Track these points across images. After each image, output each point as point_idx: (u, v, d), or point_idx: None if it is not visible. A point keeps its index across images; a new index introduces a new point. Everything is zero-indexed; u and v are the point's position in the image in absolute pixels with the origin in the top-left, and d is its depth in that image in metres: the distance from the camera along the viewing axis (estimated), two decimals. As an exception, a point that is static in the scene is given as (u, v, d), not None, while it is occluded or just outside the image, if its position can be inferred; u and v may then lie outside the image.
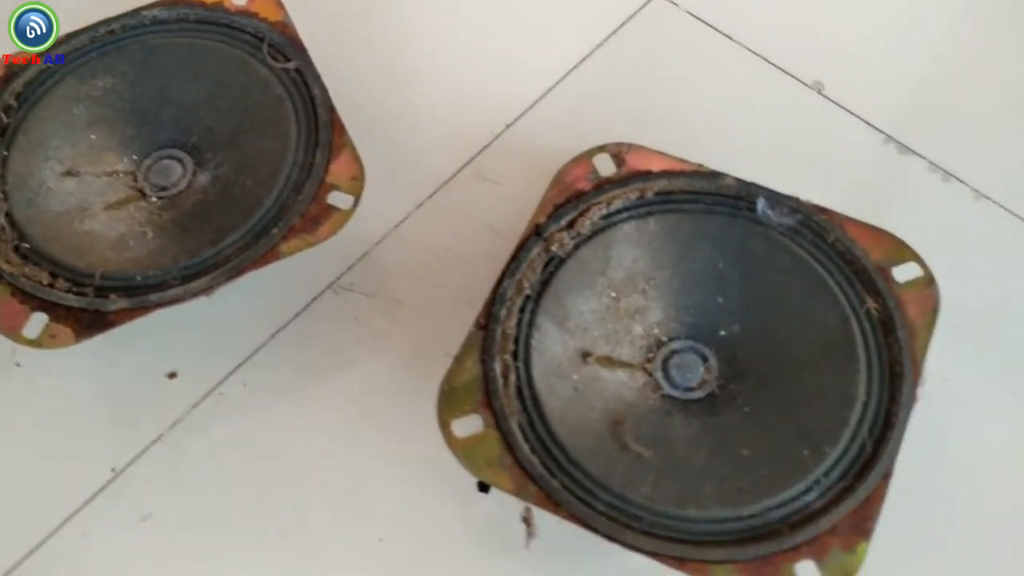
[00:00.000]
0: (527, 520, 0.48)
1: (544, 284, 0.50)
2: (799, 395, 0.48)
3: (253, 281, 0.58)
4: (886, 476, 0.44)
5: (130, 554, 0.51)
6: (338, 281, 0.59)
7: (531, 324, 0.49)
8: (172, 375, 0.56)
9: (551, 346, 0.49)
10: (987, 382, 0.54)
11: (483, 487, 0.51)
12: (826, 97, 0.65)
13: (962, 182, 0.62)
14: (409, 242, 0.60)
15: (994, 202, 0.61)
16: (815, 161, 0.62)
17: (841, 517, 0.43)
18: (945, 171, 0.62)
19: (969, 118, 0.65)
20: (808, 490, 0.44)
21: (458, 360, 0.47)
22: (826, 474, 0.45)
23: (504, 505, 0.51)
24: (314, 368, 0.56)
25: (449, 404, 0.46)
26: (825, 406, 0.46)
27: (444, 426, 0.46)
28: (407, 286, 0.58)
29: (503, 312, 0.48)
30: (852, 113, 0.64)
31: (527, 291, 0.49)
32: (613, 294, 0.51)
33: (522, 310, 0.49)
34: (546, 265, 0.50)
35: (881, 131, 0.63)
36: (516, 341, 0.48)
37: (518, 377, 0.47)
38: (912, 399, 0.46)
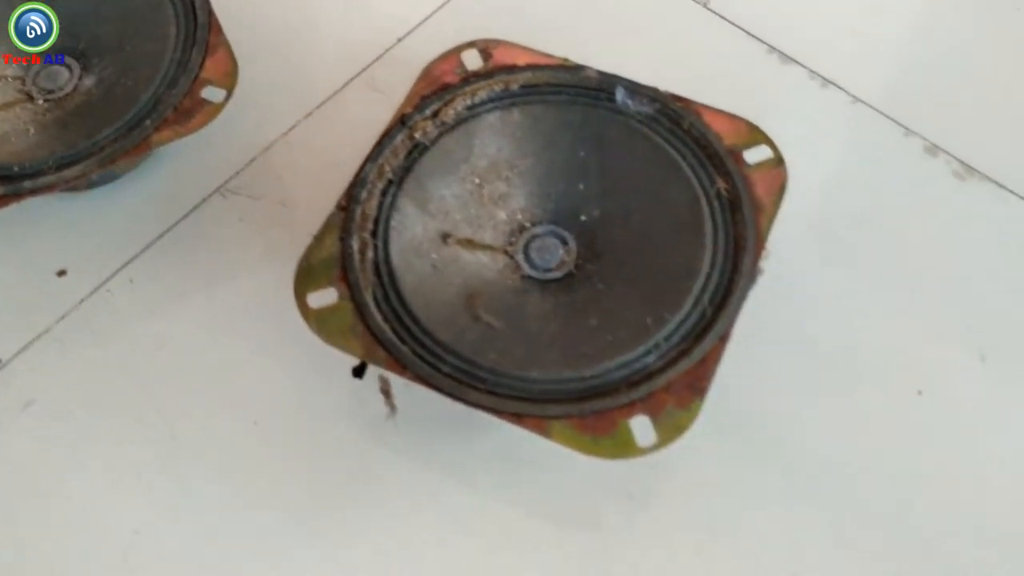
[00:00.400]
0: (386, 392, 0.49)
1: (407, 170, 0.51)
2: (649, 271, 0.49)
3: (143, 184, 0.60)
4: (723, 338, 0.46)
5: (12, 438, 0.52)
6: (226, 185, 0.60)
7: (392, 206, 0.50)
8: (62, 272, 0.57)
9: (411, 227, 0.50)
10: (835, 268, 0.56)
11: (356, 373, 0.53)
12: (712, 11, 0.67)
13: (840, 88, 0.63)
14: (297, 149, 0.61)
15: (870, 106, 0.62)
16: (699, 69, 0.63)
17: (677, 376, 0.45)
18: (824, 78, 0.64)
19: (851, 30, 0.66)
20: (648, 353, 0.46)
21: (318, 239, 0.49)
22: (666, 338, 0.46)
23: (376, 390, 0.53)
24: (198, 265, 0.57)
25: (306, 279, 0.48)
26: (671, 279, 0.48)
27: (299, 297, 0.47)
28: (293, 190, 0.60)
29: (364, 194, 0.50)
30: (736, 26, 0.66)
31: (389, 175, 0.51)
32: (476, 181, 0.52)
33: (384, 193, 0.51)
34: (410, 152, 0.52)
35: (764, 42, 0.65)
36: (376, 221, 0.50)
37: (376, 254, 0.49)
38: (753, 269, 0.48)
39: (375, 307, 0.47)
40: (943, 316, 0.55)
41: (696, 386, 0.45)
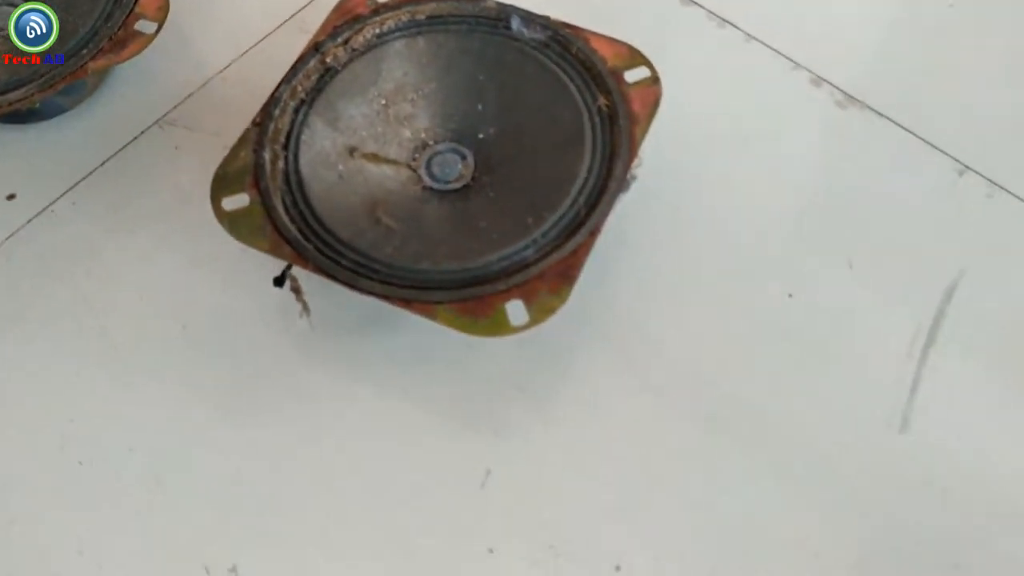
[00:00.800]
0: (296, 289, 0.54)
1: (318, 91, 0.56)
2: (535, 179, 0.54)
3: (89, 117, 0.66)
4: (593, 233, 0.51)
5: (-41, 339, 0.58)
6: (164, 117, 0.65)
7: (303, 123, 0.55)
8: (11, 196, 0.62)
9: (320, 141, 0.55)
10: (719, 184, 0.62)
11: (277, 282, 0.57)
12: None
13: (736, 27, 0.68)
14: (231, 85, 0.67)
15: (763, 43, 0.67)
16: (601, 8, 0.67)
17: (550, 265, 0.50)
18: (721, 18, 0.68)
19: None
20: (527, 247, 0.51)
21: (233, 150, 0.54)
22: (544, 234, 0.51)
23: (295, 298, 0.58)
24: (136, 187, 0.62)
25: (221, 186, 0.53)
26: (553, 184, 0.53)
27: (215, 201, 0.52)
28: (226, 122, 0.64)
29: (277, 112, 0.55)
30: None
31: (302, 96, 0.56)
32: (383, 102, 0.57)
33: (296, 111, 0.56)
34: (322, 76, 0.57)
35: (665, -13, 0.70)
36: (288, 136, 0.55)
37: (286, 164, 0.54)
38: (625, 175, 0.52)
39: (283, 210, 0.52)
40: (816, 227, 0.60)
41: (567, 274, 0.50)
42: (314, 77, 0.56)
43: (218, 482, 0.53)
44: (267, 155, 0.53)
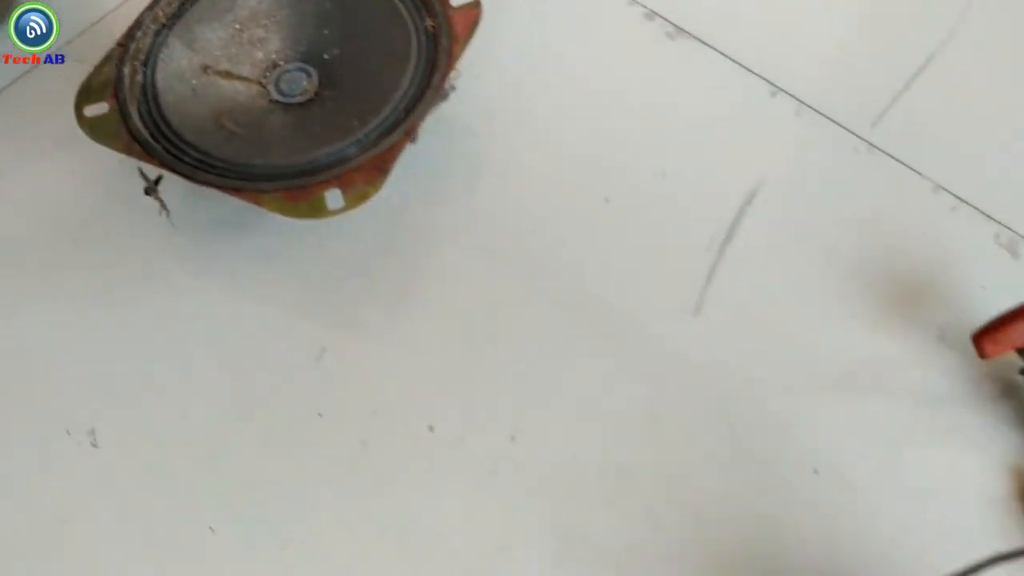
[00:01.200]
0: (153, 190, 0.61)
1: (178, 17, 0.63)
2: (367, 90, 0.61)
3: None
4: (407, 133, 0.57)
5: None
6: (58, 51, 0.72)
7: (163, 44, 0.62)
8: (-84, 123, 0.69)
9: (177, 59, 0.62)
10: (547, 104, 0.68)
11: (147, 192, 0.64)
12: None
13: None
14: (119, 24, 0.72)
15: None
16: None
17: (366, 160, 0.56)
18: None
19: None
20: (350, 146, 0.57)
21: (98, 67, 0.61)
22: (367, 135, 0.58)
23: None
24: (29, 115, 0.69)
25: (85, 96, 0.60)
26: (380, 94, 0.59)
27: (78, 109, 0.59)
28: (113, 54, 0.72)
29: (139, 34, 0.62)
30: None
31: (163, 21, 0.63)
32: (238, 27, 0.64)
33: (157, 34, 0.62)
34: (183, 3, 0.63)
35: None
36: (148, 55, 0.61)
37: (144, 78, 0.61)
38: (442, 84, 0.59)
39: (138, 118, 0.59)
40: (636, 140, 0.66)
41: (382, 168, 0.56)
42: (176, 4, 0.63)
43: (83, 357, 0.60)
44: (127, 70, 0.60)
